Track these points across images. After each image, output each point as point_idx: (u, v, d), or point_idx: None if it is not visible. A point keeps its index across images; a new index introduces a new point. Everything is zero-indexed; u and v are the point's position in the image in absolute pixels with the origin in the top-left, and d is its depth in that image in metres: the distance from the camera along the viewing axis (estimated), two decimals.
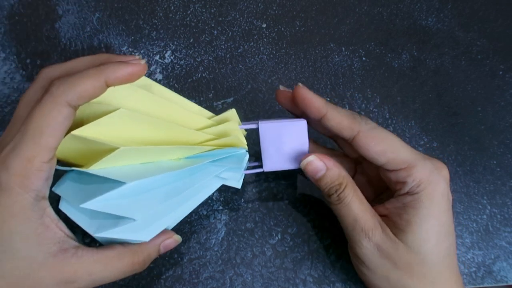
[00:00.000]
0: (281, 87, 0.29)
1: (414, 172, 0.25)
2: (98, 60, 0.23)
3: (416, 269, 0.25)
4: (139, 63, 0.23)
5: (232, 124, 0.27)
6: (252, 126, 0.28)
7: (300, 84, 0.27)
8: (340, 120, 0.26)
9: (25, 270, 0.21)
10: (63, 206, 0.24)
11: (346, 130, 0.26)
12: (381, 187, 0.30)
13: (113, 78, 0.22)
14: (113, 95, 0.23)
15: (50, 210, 0.22)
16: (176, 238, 0.27)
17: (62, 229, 0.22)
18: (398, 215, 0.26)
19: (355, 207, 0.26)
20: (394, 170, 0.26)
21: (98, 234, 0.23)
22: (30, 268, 0.21)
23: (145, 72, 0.23)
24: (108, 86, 0.22)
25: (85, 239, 0.30)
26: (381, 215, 0.27)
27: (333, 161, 0.27)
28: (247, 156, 0.28)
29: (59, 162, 0.23)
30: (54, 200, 0.24)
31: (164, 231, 0.26)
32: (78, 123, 0.23)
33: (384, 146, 0.25)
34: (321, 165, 0.27)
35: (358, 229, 0.26)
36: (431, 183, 0.25)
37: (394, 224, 0.26)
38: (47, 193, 0.22)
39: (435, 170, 0.25)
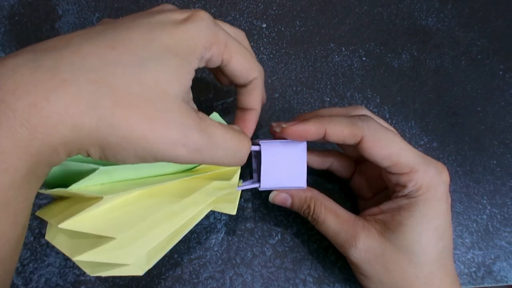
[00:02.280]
0: (273, 124, 0.27)
1: (415, 177, 0.25)
2: None
3: (407, 270, 0.25)
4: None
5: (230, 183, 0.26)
6: (253, 186, 0.28)
7: (283, 125, 0.25)
8: (340, 131, 0.25)
9: (151, 84, 0.18)
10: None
11: (349, 139, 0.25)
12: (380, 187, 0.30)
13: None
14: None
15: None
16: None
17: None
18: (391, 216, 0.26)
19: (331, 223, 0.27)
20: (396, 174, 0.26)
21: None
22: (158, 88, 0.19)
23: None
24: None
25: None
26: (374, 215, 0.27)
27: (297, 190, 0.28)
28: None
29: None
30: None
31: None
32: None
33: (388, 150, 0.25)
34: (285, 196, 0.29)
35: (340, 242, 0.26)
36: (430, 188, 0.25)
37: (385, 224, 0.26)
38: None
39: (436, 175, 0.25)
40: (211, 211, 0.32)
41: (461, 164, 0.36)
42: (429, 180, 0.25)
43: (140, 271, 0.23)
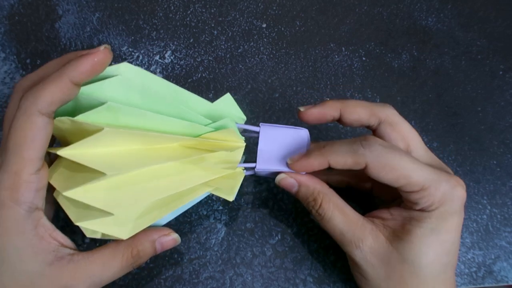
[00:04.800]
0: (301, 108, 0.28)
1: (426, 194, 0.24)
2: (66, 59, 0.22)
3: (408, 282, 0.25)
4: (98, 50, 0.21)
5: (229, 132, 0.26)
6: (252, 128, 0.28)
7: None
8: (343, 162, 0.25)
9: (25, 282, 0.21)
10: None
11: (353, 167, 0.25)
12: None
13: (77, 75, 0.21)
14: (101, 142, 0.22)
15: (44, 221, 0.22)
16: (174, 237, 0.26)
17: (56, 239, 0.23)
18: (401, 224, 0.25)
19: (338, 222, 0.26)
20: (407, 192, 0.25)
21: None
22: (29, 279, 0.21)
23: (109, 59, 0.22)
24: (76, 84, 0.21)
25: (85, 239, 0.30)
26: (383, 219, 0.26)
27: (307, 177, 0.27)
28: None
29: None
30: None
31: (161, 228, 0.26)
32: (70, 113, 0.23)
33: (395, 173, 0.24)
34: (292, 182, 0.27)
35: (346, 241, 0.26)
36: (443, 203, 0.24)
37: (394, 231, 0.25)
38: (40, 204, 0.22)
39: (449, 190, 0.24)
40: (211, 212, 0.32)
41: (461, 164, 0.36)
42: (441, 195, 0.24)
43: (123, 235, 0.23)
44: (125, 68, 0.23)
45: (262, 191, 0.33)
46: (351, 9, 0.42)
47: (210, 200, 0.32)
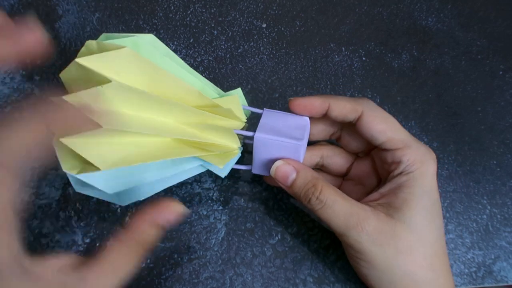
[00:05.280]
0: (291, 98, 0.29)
1: (409, 152, 0.26)
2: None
3: (416, 250, 0.25)
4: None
5: (233, 99, 0.27)
6: (255, 110, 0.29)
7: (291, 98, 0.28)
8: (343, 105, 0.27)
9: None
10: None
11: (350, 113, 0.27)
12: (371, 185, 0.30)
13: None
14: (110, 65, 0.23)
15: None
16: (178, 210, 0.23)
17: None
18: (394, 195, 0.26)
19: (341, 206, 0.25)
20: (391, 150, 0.27)
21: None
22: None
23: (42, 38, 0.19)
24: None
25: (85, 239, 0.30)
26: (376, 200, 0.27)
27: (303, 164, 0.27)
28: (239, 154, 0.28)
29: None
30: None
31: (161, 204, 0.23)
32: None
33: (385, 125, 0.27)
34: (290, 169, 0.26)
35: (351, 225, 0.25)
36: (423, 163, 0.26)
37: (390, 204, 0.26)
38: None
39: (427, 152, 0.27)
40: (211, 212, 0.32)
41: (461, 164, 0.36)
42: (421, 155, 0.26)
43: (102, 165, 0.22)
44: (152, 38, 0.25)
45: (262, 191, 0.33)
46: (351, 9, 0.42)
47: (210, 200, 0.32)
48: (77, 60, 0.22)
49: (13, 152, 0.17)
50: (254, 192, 0.33)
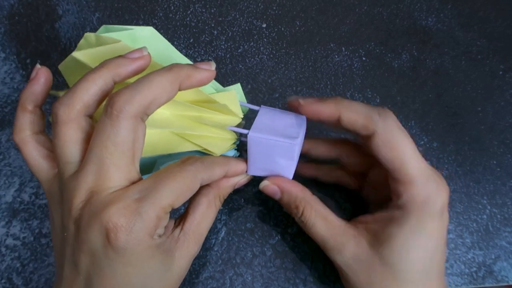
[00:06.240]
0: (292, 98, 0.28)
1: (412, 188, 0.24)
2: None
3: (390, 287, 0.24)
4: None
5: (230, 94, 0.27)
6: (252, 107, 0.28)
7: (301, 101, 0.26)
8: (354, 120, 0.24)
9: None
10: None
11: (361, 130, 0.24)
12: (387, 194, 0.28)
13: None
14: None
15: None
16: (248, 177, 0.28)
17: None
18: (382, 226, 0.25)
19: (320, 229, 0.26)
20: (395, 180, 0.25)
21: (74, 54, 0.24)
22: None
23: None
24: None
25: None
26: (366, 223, 0.26)
27: (290, 184, 0.27)
28: (237, 154, 0.29)
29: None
30: None
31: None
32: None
33: (394, 153, 0.24)
34: (275, 189, 0.28)
35: (328, 248, 0.26)
36: (425, 205, 0.24)
37: (376, 234, 0.25)
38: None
39: (435, 191, 0.24)
40: None
41: (461, 164, 0.36)
42: (425, 196, 0.24)
43: None
44: (151, 30, 0.26)
45: (259, 181, 0.33)
46: (351, 9, 0.42)
47: None
48: (74, 54, 0.23)
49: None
50: (254, 192, 0.33)
